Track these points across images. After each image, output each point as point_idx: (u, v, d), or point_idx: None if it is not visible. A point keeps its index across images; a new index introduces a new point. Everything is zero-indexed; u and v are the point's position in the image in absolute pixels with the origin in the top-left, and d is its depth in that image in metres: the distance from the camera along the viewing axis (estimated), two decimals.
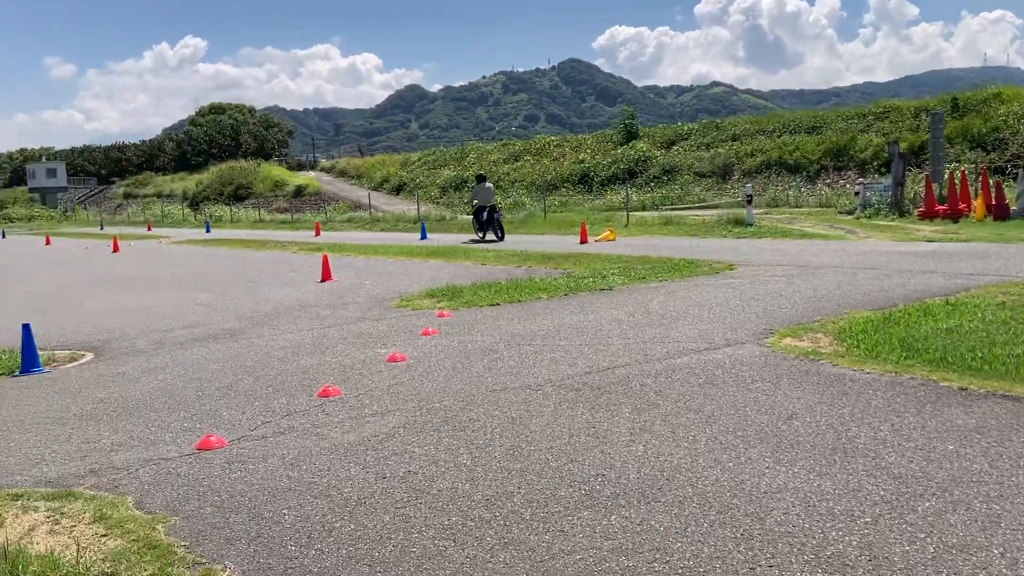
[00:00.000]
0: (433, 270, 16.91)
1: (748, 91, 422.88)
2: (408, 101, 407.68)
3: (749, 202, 23.10)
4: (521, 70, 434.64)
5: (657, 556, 3.73)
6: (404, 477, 4.94)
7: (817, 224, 22.44)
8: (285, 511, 4.53)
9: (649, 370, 7.22)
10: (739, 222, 22.58)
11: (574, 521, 4.16)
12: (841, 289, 10.97)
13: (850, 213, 24.44)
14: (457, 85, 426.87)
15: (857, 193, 25.20)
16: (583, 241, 21.59)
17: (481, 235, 25.59)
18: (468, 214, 27.70)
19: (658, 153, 41.70)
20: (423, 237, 27.52)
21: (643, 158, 41.38)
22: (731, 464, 4.82)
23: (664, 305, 10.62)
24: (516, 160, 50.88)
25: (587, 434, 5.54)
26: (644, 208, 33.10)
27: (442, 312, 11.10)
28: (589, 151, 46.73)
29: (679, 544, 3.83)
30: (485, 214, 25.22)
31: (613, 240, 21.71)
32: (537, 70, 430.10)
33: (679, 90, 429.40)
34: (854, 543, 3.73)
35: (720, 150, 38.38)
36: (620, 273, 13.89)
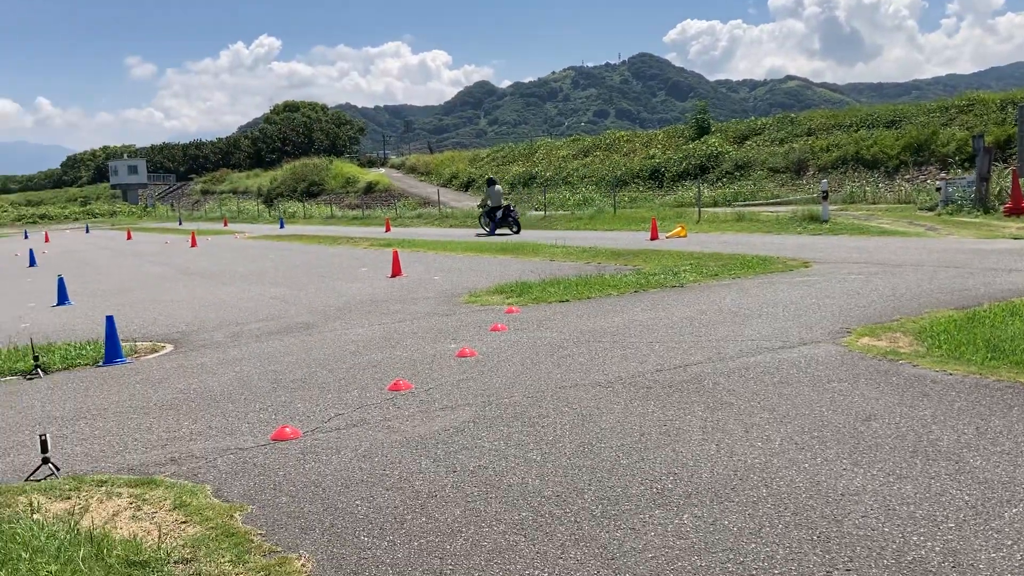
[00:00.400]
0: (502, 266, 16.97)
1: (823, 85, 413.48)
2: (477, 97, 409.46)
3: (824, 198, 22.59)
4: (591, 65, 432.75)
5: (730, 557, 3.68)
6: (474, 471, 4.97)
7: (896, 221, 21.83)
8: (358, 502, 4.61)
9: (722, 368, 7.13)
10: (814, 219, 22.10)
11: (645, 519, 4.13)
12: (921, 287, 10.66)
13: (931, 209, 23.71)
14: (526, 81, 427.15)
15: (938, 189, 24.41)
16: (654, 237, 21.41)
17: (488, 231, 28.02)
18: (477, 216, 30.83)
19: (730, 148, 41.06)
20: (491, 233, 27.61)
21: (715, 153, 40.81)
22: (807, 465, 4.73)
23: (737, 302, 10.46)
24: (585, 156, 50.68)
25: (658, 432, 5.50)
26: (716, 204, 32.64)
27: (511, 308, 11.13)
28: (660, 146, 46.27)
29: (753, 545, 3.77)
30: (500, 213, 27.79)
31: (684, 236, 21.47)
32: (607, 65, 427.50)
33: (752, 84, 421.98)
34: (937, 549, 3.63)
35: (794, 145, 37.59)
36: (692, 270, 13.73)
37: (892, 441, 5.04)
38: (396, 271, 16.40)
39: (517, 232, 27.11)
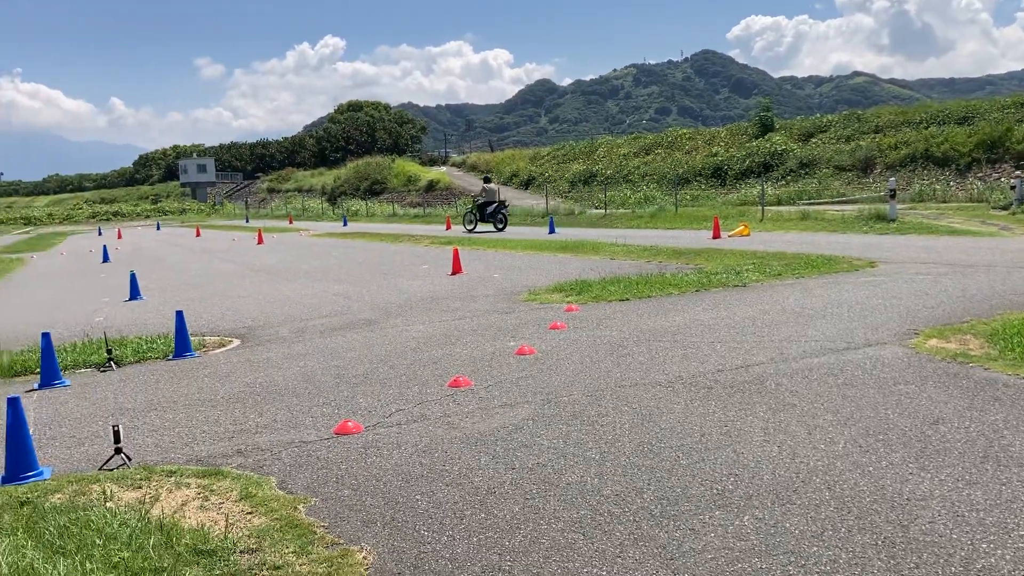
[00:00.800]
0: (561, 264, 16.95)
1: (892, 81, 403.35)
2: (538, 96, 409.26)
3: (892, 196, 22.06)
4: (653, 62, 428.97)
5: (792, 560, 3.63)
6: (533, 469, 4.98)
7: (967, 220, 21.21)
8: (418, 497, 4.66)
9: (784, 369, 7.02)
10: (881, 218, 21.60)
11: (705, 520, 4.10)
12: (993, 289, 10.34)
13: (1005, 208, 22.97)
14: (587, 79, 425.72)
15: (1013, 187, 23.64)
16: (716, 236, 21.16)
17: (472, 227, 30.35)
18: (465, 211, 34.06)
19: (795, 146, 40.35)
20: (552, 231, 27.61)
21: (779, 151, 40.15)
22: (871, 468, 4.63)
23: (800, 303, 10.29)
24: (647, 154, 50.33)
25: (719, 433, 5.45)
26: (779, 203, 32.11)
27: (570, 306, 11.12)
28: (722, 144, 45.71)
29: (815, 548, 3.72)
30: (492, 208, 30.12)
31: (747, 235, 21.18)
32: (669, 62, 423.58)
33: (818, 80, 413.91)
34: (1007, 557, 3.53)
35: (861, 143, 36.76)
36: (754, 269, 13.54)
37: (961, 446, 4.91)
38: (456, 269, 16.50)
39: (502, 229, 29.32)
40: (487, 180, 32.55)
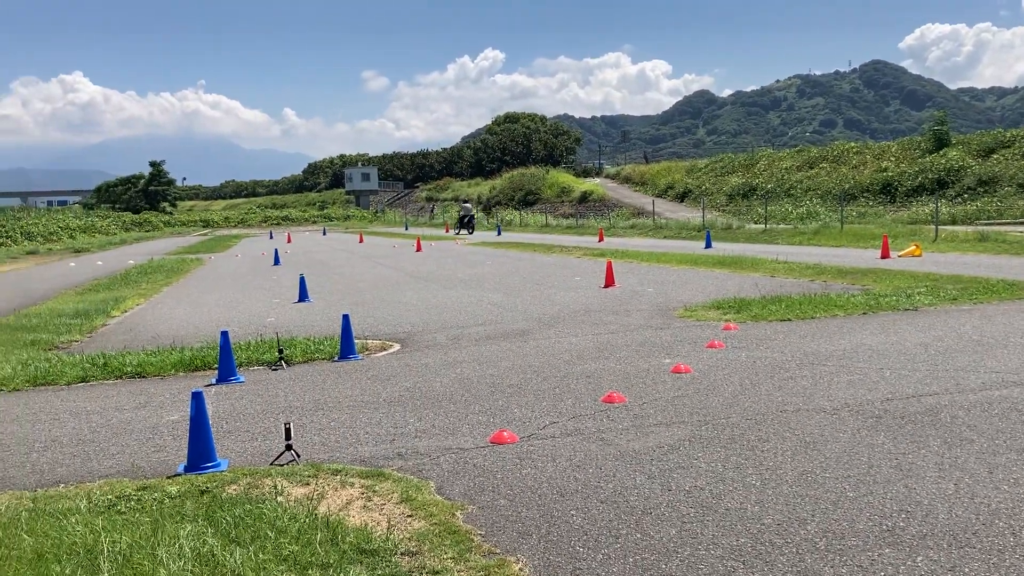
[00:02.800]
0: (719, 280, 16.59)
1: None
2: (696, 107, 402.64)
3: None
4: (818, 73, 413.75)
5: None
6: (690, 491, 4.90)
7: None
8: (573, 512, 4.67)
9: (961, 401, 6.60)
10: None
11: (874, 557, 3.91)
12: None
13: None
14: (748, 90, 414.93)
15: None
16: (884, 256, 20.16)
17: (457, 232, 47.03)
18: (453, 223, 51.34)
19: (973, 162, 37.92)
20: (708, 246, 27.09)
21: (955, 167, 37.84)
22: None
23: (979, 330, 9.65)
24: (810, 168, 48.58)
25: (889, 466, 5.18)
26: (955, 222, 30.24)
27: (728, 325, 10.86)
28: (892, 159, 43.53)
29: None
30: (467, 219, 49.33)
31: (919, 256, 20.05)
32: (836, 72, 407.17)
33: (1000, 92, 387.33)
34: None
35: None
36: (927, 292, 12.81)
37: None
38: (609, 281, 16.44)
39: (471, 232, 47.63)
40: (465, 201, 49.87)
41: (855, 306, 11.79)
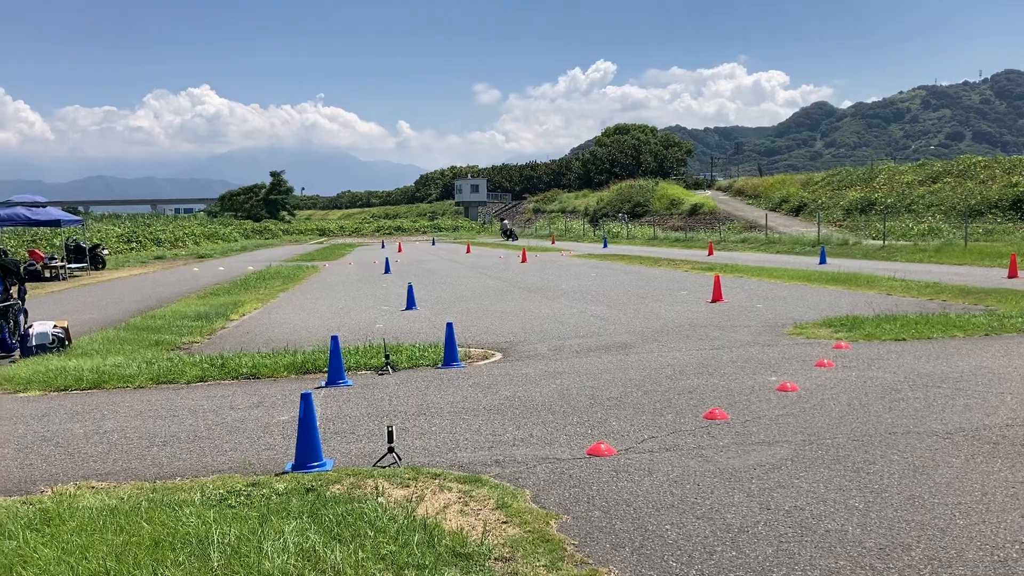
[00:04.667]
0: (831, 297, 16.12)
1: None
2: (814, 119, 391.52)
3: None
4: (945, 84, 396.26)
5: None
6: (789, 512, 4.80)
7: None
8: (667, 527, 4.65)
9: None
10: None
11: None
12: None
13: None
14: (869, 101, 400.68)
15: None
16: (1012, 275, 19.16)
17: (506, 240, 54.87)
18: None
19: None
20: (822, 261, 26.33)
21: None
22: None
23: None
24: (934, 182, 46.59)
25: (1004, 494, 4.95)
26: None
27: (839, 343, 10.56)
28: None
29: None
30: (508, 232, 59.96)
31: None
32: (965, 83, 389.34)
33: None
34: None
35: None
36: None
37: None
38: (716, 296, 16.19)
39: (515, 239, 58.49)
40: (502, 219, 63.21)
41: (976, 327, 11.27)
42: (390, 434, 6.02)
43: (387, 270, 28.86)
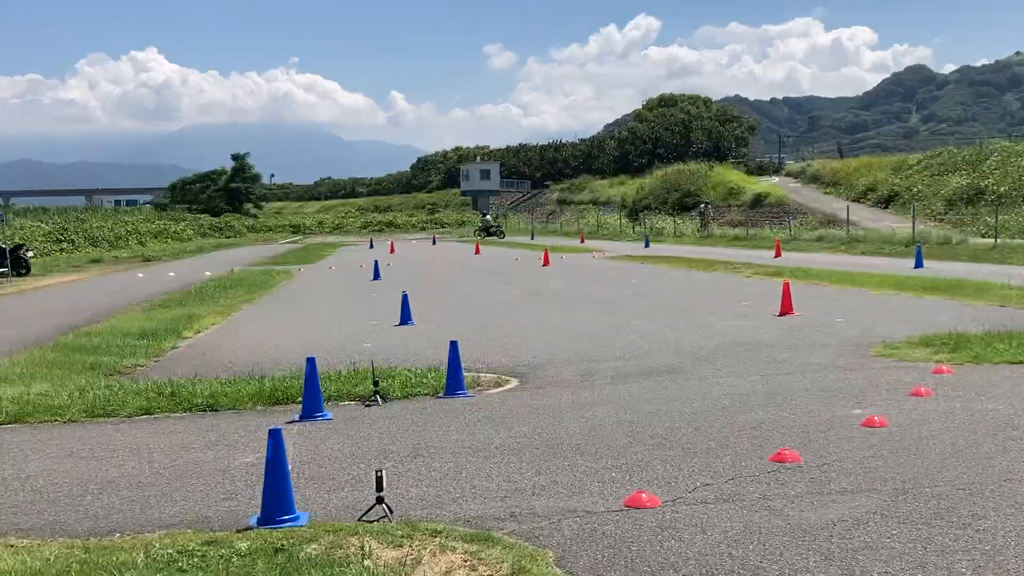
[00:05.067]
0: (930, 309, 16.06)
1: None
2: (908, 87, 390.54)
3: None
4: None
5: None
6: None
7: None
8: None
9: None
10: None
11: None
12: None
13: None
14: (978, 65, 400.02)
15: None
16: None
17: (481, 237, 60.66)
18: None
19: None
20: (918, 265, 26.25)
21: None
22: None
23: None
24: None
25: None
26: None
27: (940, 367, 10.52)
28: None
29: None
30: (492, 228, 66.05)
31: None
32: None
33: None
34: None
35: None
36: None
37: None
38: (786, 308, 16.16)
39: (501, 236, 63.63)
40: (484, 214, 70.09)
41: None
42: (379, 480, 6.02)
43: (376, 275, 28.95)
